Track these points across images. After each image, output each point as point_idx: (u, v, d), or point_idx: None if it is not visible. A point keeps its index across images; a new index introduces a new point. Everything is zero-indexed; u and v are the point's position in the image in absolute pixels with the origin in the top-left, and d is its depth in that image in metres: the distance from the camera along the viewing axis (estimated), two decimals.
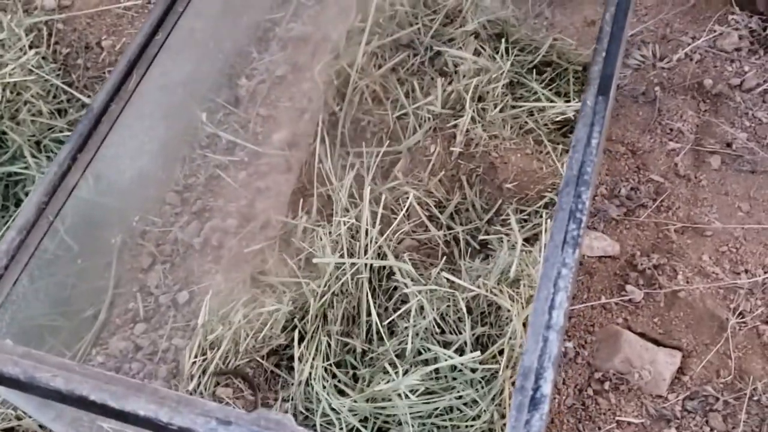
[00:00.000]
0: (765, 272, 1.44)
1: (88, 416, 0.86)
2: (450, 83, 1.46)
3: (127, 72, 0.87)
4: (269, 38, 1.78)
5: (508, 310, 1.18)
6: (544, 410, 0.62)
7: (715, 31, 1.74)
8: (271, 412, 0.65)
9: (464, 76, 1.44)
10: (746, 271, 1.45)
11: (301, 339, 1.23)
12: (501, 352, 1.16)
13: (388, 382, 1.12)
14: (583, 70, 1.58)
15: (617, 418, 1.32)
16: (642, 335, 1.39)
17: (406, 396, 1.11)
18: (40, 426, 1.35)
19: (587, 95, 0.81)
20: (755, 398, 1.32)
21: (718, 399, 1.33)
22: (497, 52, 1.49)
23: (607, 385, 1.35)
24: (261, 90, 1.73)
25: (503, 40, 1.51)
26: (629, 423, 1.32)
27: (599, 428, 1.32)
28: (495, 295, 1.21)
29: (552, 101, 1.49)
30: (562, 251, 0.70)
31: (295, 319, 1.25)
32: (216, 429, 0.64)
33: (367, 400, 1.13)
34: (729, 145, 1.59)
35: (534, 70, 1.54)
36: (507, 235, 1.31)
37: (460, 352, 1.18)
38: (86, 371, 0.68)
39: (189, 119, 1.48)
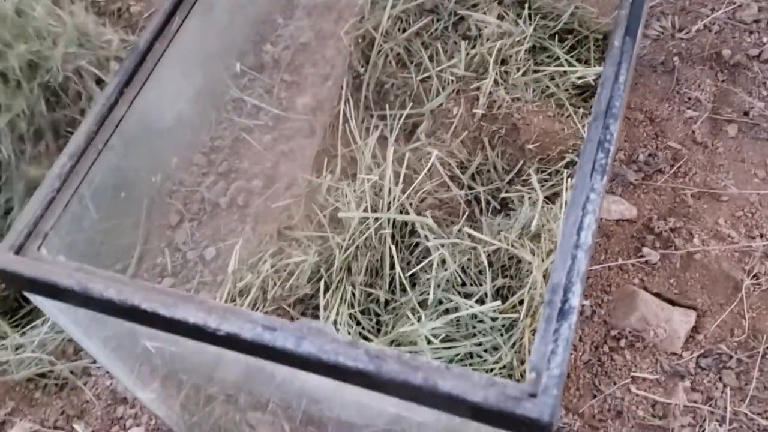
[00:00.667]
0: None
1: (134, 338, 0.90)
2: (473, 47, 1.49)
3: (171, 13, 0.91)
4: (294, 5, 1.81)
5: (529, 263, 1.22)
6: (573, 320, 0.65)
7: (734, 3, 1.76)
8: (313, 321, 0.69)
9: (488, 40, 1.47)
10: (761, 236, 1.48)
11: (327, 289, 1.27)
12: (521, 303, 1.20)
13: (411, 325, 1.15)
14: (603, 39, 1.61)
15: (632, 374, 1.36)
16: (658, 295, 1.42)
17: (429, 341, 1.15)
18: (71, 372, 1.40)
19: (615, 37, 0.84)
20: None
21: (731, 357, 1.36)
22: (520, 18, 1.52)
23: (622, 343, 1.38)
24: (285, 56, 1.77)
25: (526, 6, 1.54)
26: (644, 379, 1.35)
27: (614, 383, 1.35)
28: (515, 248, 1.24)
29: (573, 66, 1.52)
30: (590, 178, 0.73)
31: (321, 270, 1.29)
32: (262, 334, 0.67)
33: (391, 343, 1.17)
34: (746, 113, 1.62)
35: (556, 37, 1.57)
36: (528, 193, 1.34)
37: (481, 302, 1.22)
38: (137, 284, 0.72)
39: (217, 81, 1.52)
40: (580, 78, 1.48)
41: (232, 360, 0.76)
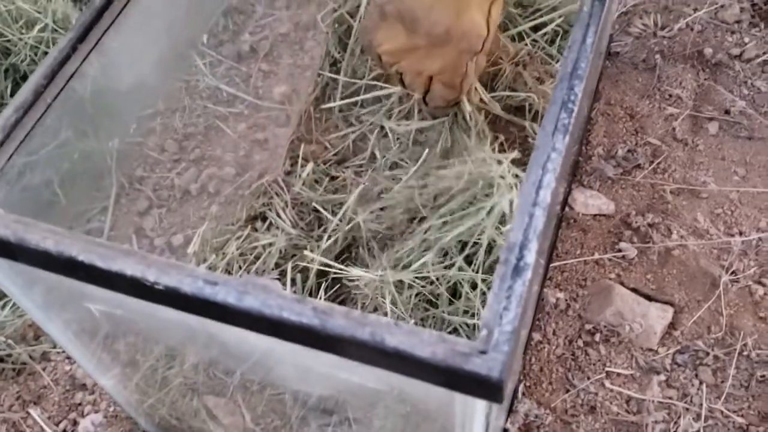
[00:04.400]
0: (759, 234, 1.44)
1: (82, 310, 0.86)
2: None
3: None
4: None
5: None
6: (527, 277, 0.62)
7: (716, 3, 1.75)
8: (258, 278, 0.65)
9: None
10: (740, 233, 1.45)
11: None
12: None
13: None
14: None
15: (607, 368, 1.32)
16: (634, 290, 1.40)
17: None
18: (30, 356, 1.36)
19: (584, 1, 0.82)
20: (745, 353, 1.32)
21: (708, 353, 1.33)
22: None
23: (597, 337, 1.35)
24: (264, 46, 1.75)
25: None
26: (618, 374, 1.32)
27: (588, 378, 1.32)
28: None
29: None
30: (552, 137, 0.71)
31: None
32: (202, 288, 0.64)
33: None
34: (727, 111, 1.60)
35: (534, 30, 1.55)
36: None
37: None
38: (78, 236, 0.69)
39: (186, 59, 1.49)
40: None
41: (178, 323, 0.72)
